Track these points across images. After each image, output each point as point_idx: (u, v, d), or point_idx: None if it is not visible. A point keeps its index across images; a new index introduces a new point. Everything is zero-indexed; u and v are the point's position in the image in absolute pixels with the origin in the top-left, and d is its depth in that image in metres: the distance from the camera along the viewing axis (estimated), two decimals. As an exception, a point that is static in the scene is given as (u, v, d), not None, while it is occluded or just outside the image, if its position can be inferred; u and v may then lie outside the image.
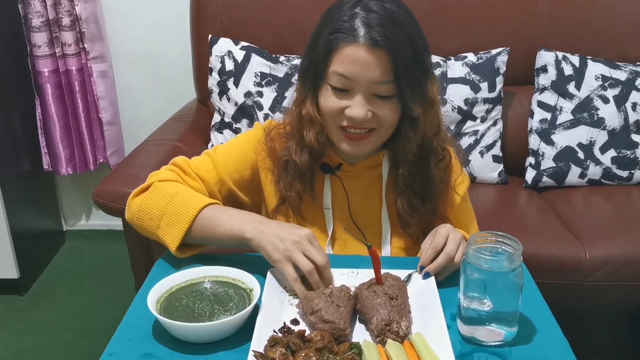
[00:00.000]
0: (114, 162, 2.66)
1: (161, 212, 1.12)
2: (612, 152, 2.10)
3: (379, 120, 1.10)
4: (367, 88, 1.07)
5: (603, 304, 1.79)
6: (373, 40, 1.04)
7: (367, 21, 1.05)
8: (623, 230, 1.85)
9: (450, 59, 2.18)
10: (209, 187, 1.20)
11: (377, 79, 1.06)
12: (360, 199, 1.23)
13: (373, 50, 1.04)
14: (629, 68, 2.15)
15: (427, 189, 1.20)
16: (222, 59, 2.20)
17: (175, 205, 1.11)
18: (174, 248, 1.10)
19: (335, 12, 1.10)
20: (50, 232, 2.78)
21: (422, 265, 1.07)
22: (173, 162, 1.22)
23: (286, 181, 1.20)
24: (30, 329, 2.26)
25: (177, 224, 1.10)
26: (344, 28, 1.06)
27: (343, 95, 1.09)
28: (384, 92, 1.08)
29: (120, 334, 0.96)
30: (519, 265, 0.92)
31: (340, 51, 1.06)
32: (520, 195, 2.14)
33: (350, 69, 1.06)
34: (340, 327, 0.92)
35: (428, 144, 1.17)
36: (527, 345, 0.95)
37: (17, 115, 2.45)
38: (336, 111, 1.10)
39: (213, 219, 1.10)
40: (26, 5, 2.39)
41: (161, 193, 1.14)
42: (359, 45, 1.05)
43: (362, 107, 1.07)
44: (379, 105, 1.09)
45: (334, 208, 1.23)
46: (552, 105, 2.15)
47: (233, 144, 1.28)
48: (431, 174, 1.19)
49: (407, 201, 1.20)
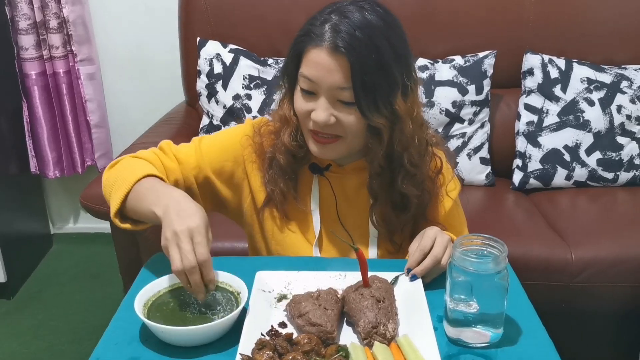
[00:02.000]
0: (102, 165, 2.65)
1: (114, 179, 1.14)
2: (597, 154, 2.12)
3: (343, 127, 1.09)
4: (329, 92, 1.07)
5: (589, 305, 1.80)
6: (335, 45, 1.04)
7: (335, 27, 1.05)
8: (609, 232, 1.87)
9: (437, 62, 2.19)
10: (184, 170, 1.20)
11: (338, 84, 1.06)
12: (348, 201, 1.23)
13: (334, 55, 1.04)
14: (614, 71, 2.17)
15: (404, 201, 1.19)
16: (211, 61, 2.20)
17: (124, 172, 1.13)
18: (113, 212, 1.10)
19: (313, 16, 1.11)
20: (37, 235, 2.76)
21: (409, 267, 1.07)
22: (159, 145, 1.24)
23: (271, 177, 1.21)
24: (17, 333, 2.24)
25: (120, 189, 1.10)
26: (313, 32, 1.07)
27: (310, 98, 1.10)
28: (346, 98, 1.07)
29: (107, 338, 0.96)
30: (504, 267, 0.93)
31: (306, 54, 1.08)
32: (507, 197, 2.16)
33: (314, 72, 1.07)
34: (328, 330, 0.92)
35: (396, 158, 1.14)
36: (513, 346, 0.95)
37: (4, 118, 2.43)
38: (304, 113, 1.12)
39: (143, 190, 1.09)
40: (13, 8, 2.37)
41: (121, 164, 1.18)
42: (322, 48, 1.05)
43: (324, 112, 1.08)
44: (344, 111, 1.08)
45: (322, 209, 1.23)
46: (538, 108, 2.17)
47: (221, 134, 1.29)
48: (399, 190, 1.17)
49: (380, 212, 1.20)
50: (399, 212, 1.20)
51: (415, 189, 1.18)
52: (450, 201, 1.25)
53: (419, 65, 2.16)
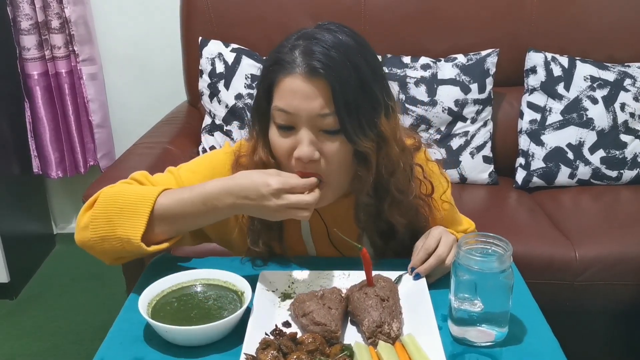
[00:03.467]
0: (104, 165, 2.65)
1: (118, 209, 1.02)
2: (601, 153, 2.12)
3: (328, 161, 1.01)
4: (310, 122, 0.98)
5: (593, 303, 1.80)
6: (311, 67, 0.96)
7: (307, 50, 0.97)
8: (612, 230, 1.87)
9: (440, 60, 2.19)
10: None
11: (318, 110, 0.97)
12: (338, 227, 1.12)
13: (311, 79, 0.96)
14: (617, 69, 2.16)
15: (390, 230, 1.14)
16: (213, 61, 2.20)
17: (131, 197, 1.03)
18: (138, 238, 1.00)
19: (279, 45, 1.03)
20: (40, 235, 2.76)
21: (413, 266, 1.07)
22: (131, 176, 1.13)
23: (253, 238, 1.13)
24: (20, 334, 2.24)
25: (136, 212, 1.01)
26: (283, 60, 0.99)
27: (288, 134, 1.01)
28: (329, 126, 0.98)
29: (112, 338, 0.96)
30: (509, 266, 0.93)
31: (279, 84, 0.99)
32: (510, 195, 2.15)
33: (290, 102, 0.98)
34: (332, 329, 0.92)
35: (382, 185, 1.08)
36: (518, 345, 0.95)
37: (6, 119, 2.43)
38: (284, 153, 1.02)
39: (174, 197, 1.01)
40: (15, 8, 2.37)
41: (111, 195, 1.05)
42: (296, 75, 0.97)
43: (308, 146, 0.98)
44: (327, 142, 1.00)
45: (315, 239, 1.19)
46: (541, 106, 2.16)
47: (198, 164, 1.18)
48: (385, 219, 1.11)
49: (368, 240, 1.16)
50: (386, 239, 1.15)
51: (401, 217, 1.12)
52: (447, 206, 1.21)
53: (422, 64, 2.15)
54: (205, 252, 1.26)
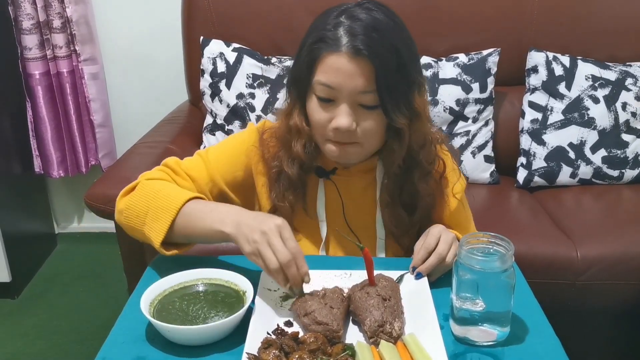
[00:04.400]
0: (105, 165, 2.65)
1: (146, 208, 1.09)
2: (602, 152, 2.12)
3: (363, 132, 1.08)
4: (351, 97, 1.05)
5: (595, 303, 1.80)
6: (355, 49, 1.02)
7: (351, 30, 1.03)
8: (614, 230, 1.87)
9: (441, 60, 2.19)
10: (199, 187, 1.18)
11: (360, 88, 1.04)
12: (354, 203, 1.22)
13: (355, 59, 1.03)
14: (619, 68, 2.16)
15: (414, 201, 1.19)
16: (214, 60, 2.20)
17: (159, 200, 1.08)
18: (158, 243, 1.06)
19: (320, 21, 1.08)
20: (42, 235, 2.76)
21: (414, 266, 1.07)
22: (164, 162, 1.20)
23: (278, 192, 1.19)
24: (22, 333, 2.25)
25: (160, 218, 1.07)
26: (327, 37, 1.05)
27: (328, 106, 1.08)
28: (368, 102, 1.06)
29: (114, 338, 0.96)
30: (510, 265, 0.92)
31: (323, 60, 1.05)
32: (511, 195, 2.15)
33: (333, 79, 1.05)
34: (334, 329, 0.92)
35: (413, 156, 1.15)
36: (520, 345, 0.95)
37: (7, 118, 2.43)
38: (323, 123, 1.09)
39: (195, 213, 1.06)
40: (16, 8, 2.37)
41: (146, 190, 1.12)
42: (341, 54, 1.03)
43: (347, 117, 1.05)
44: (364, 116, 1.07)
45: (328, 212, 1.22)
46: (543, 106, 2.16)
47: (226, 145, 1.26)
48: (415, 188, 1.17)
49: (393, 213, 1.19)
50: (408, 212, 1.20)
51: (429, 187, 1.18)
52: (456, 201, 1.24)
53: (423, 63, 2.15)
54: (207, 251, 1.26)
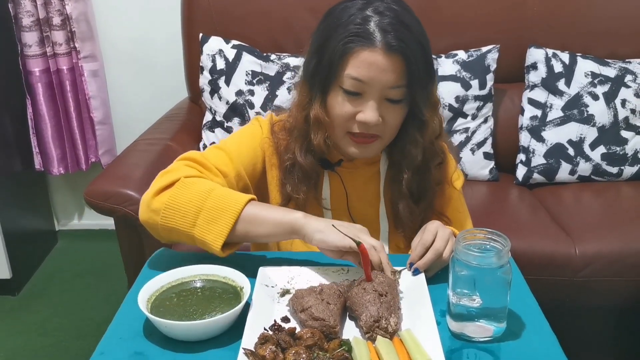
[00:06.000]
0: (105, 162, 2.66)
1: (197, 209, 1.05)
2: (601, 149, 2.12)
3: (386, 125, 1.11)
4: (380, 92, 1.07)
5: (593, 299, 1.80)
6: (389, 45, 1.04)
7: (382, 25, 1.05)
8: (613, 226, 1.87)
9: (440, 57, 2.19)
10: (229, 181, 1.16)
11: (391, 83, 1.06)
12: (358, 195, 1.23)
13: (389, 55, 1.05)
14: (618, 65, 2.16)
15: (424, 190, 1.21)
16: (213, 57, 2.20)
17: (214, 201, 1.05)
18: (219, 246, 1.04)
19: (343, 15, 1.09)
20: (42, 232, 2.77)
21: (411, 261, 1.07)
22: (187, 157, 1.16)
23: (293, 184, 1.19)
24: (22, 329, 2.25)
25: (219, 220, 1.04)
26: (359, 32, 1.06)
27: (355, 100, 1.09)
28: (395, 96, 1.08)
29: (111, 333, 0.97)
30: (507, 261, 0.93)
31: (356, 55, 1.06)
32: (511, 192, 2.15)
33: (366, 74, 1.06)
34: (330, 325, 0.92)
35: (431, 146, 1.18)
36: (516, 340, 0.95)
37: (8, 115, 2.44)
38: (347, 116, 1.10)
39: (257, 213, 1.06)
40: (16, 5, 2.38)
41: (193, 188, 1.07)
42: (375, 49, 1.05)
43: (375, 112, 1.08)
44: (389, 110, 1.10)
45: (332, 204, 1.23)
46: (542, 103, 2.16)
47: (241, 137, 1.24)
48: (430, 177, 1.20)
49: (407, 205, 1.21)
50: (417, 202, 1.21)
51: (441, 177, 1.22)
52: (455, 191, 1.26)
53: (422, 60, 2.15)
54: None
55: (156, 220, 1.07)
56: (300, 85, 1.17)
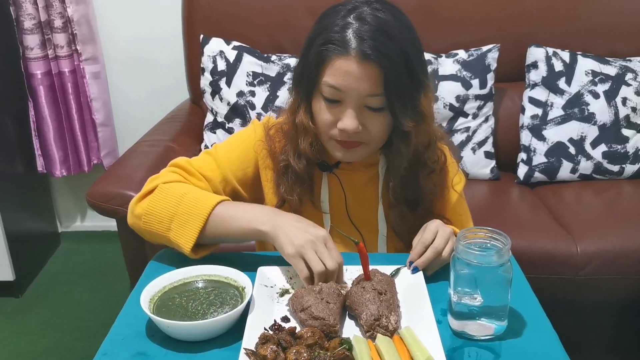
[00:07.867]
0: (107, 163, 2.66)
1: (171, 214, 1.08)
2: (602, 147, 2.12)
3: (369, 133, 1.09)
4: (358, 100, 1.06)
5: (594, 297, 1.80)
6: (364, 53, 1.02)
7: (359, 33, 1.03)
8: (614, 225, 1.87)
9: (441, 56, 2.19)
10: (214, 186, 1.18)
11: (367, 91, 1.04)
12: (356, 197, 1.23)
13: (364, 63, 1.03)
14: (619, 63, 2.16)
15: (418, 198, 1.20)
16: (214, 59, 2.21)
17: (185, 205, 1.08)
18: (189, 249, 1.07)
19: (328, 20, 1.07)
20: (45, 234, 2.78)
21: (410, 260, 1.08)
22: (174, 163, 1.19)
23: (287, 186, 1.19)
24: (26, 331, 2.26)
25: (189, 224, 1.07)
26: (336, 39, 1.04)
27: (335, 107, 1.08)
28: (375, 105, 1.06)
29: (114, 334, 0.97)
30: (507, 259, 0.93)
31: (331, 63, 1.05)
32: (512, 190, 2.15)
33: (341, 82, 1.05)
34: (331, 324, 0.93)
35: (418, 156, 1.16)
36: (517, 338, 0.96)
37: (10, 118, 2.44)
38: (329, 123, 1.10)
39: (227, 215, 1.08)
40: (18, 8, 2.38)
41: (169, 194, 1.10)
42: (349, 58, 1.03)
43: (353, 120, 1.06)
44: (370, 117, 1.08)
45: (331, 206, 1.23)
46: (543, 101, 2.16)
47: (233, 142, 1.25)
48: (420, 186, 1.18)
49: (399, 213, 1.20)
50: (412, 209, 1.20)
51: (434, 185, 1.20)
52: (456, 194, 1.25)
53: (423, 60, 2.15)
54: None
55: (140, 224, 1.13)
56: (291, 89, 1.18)
